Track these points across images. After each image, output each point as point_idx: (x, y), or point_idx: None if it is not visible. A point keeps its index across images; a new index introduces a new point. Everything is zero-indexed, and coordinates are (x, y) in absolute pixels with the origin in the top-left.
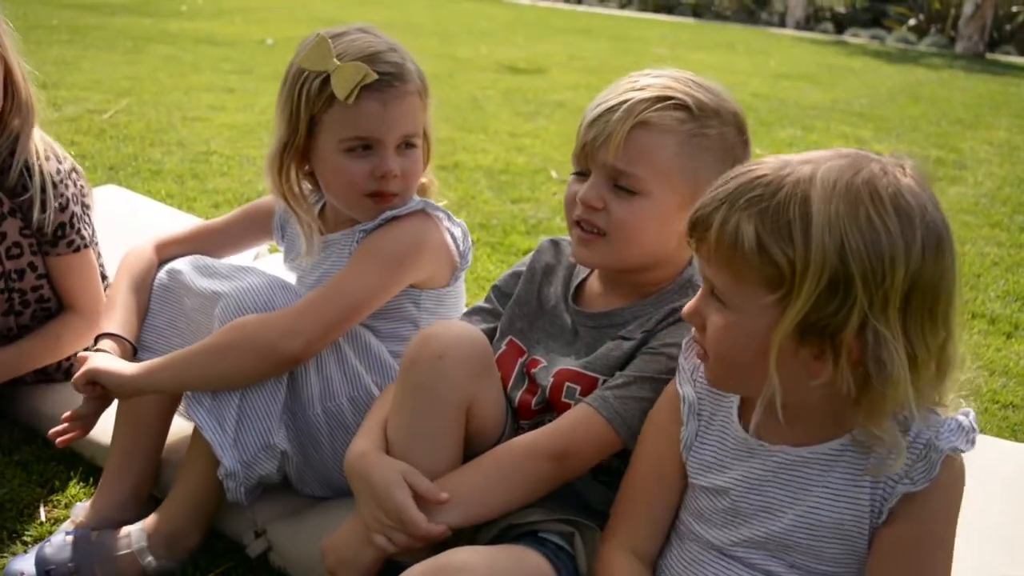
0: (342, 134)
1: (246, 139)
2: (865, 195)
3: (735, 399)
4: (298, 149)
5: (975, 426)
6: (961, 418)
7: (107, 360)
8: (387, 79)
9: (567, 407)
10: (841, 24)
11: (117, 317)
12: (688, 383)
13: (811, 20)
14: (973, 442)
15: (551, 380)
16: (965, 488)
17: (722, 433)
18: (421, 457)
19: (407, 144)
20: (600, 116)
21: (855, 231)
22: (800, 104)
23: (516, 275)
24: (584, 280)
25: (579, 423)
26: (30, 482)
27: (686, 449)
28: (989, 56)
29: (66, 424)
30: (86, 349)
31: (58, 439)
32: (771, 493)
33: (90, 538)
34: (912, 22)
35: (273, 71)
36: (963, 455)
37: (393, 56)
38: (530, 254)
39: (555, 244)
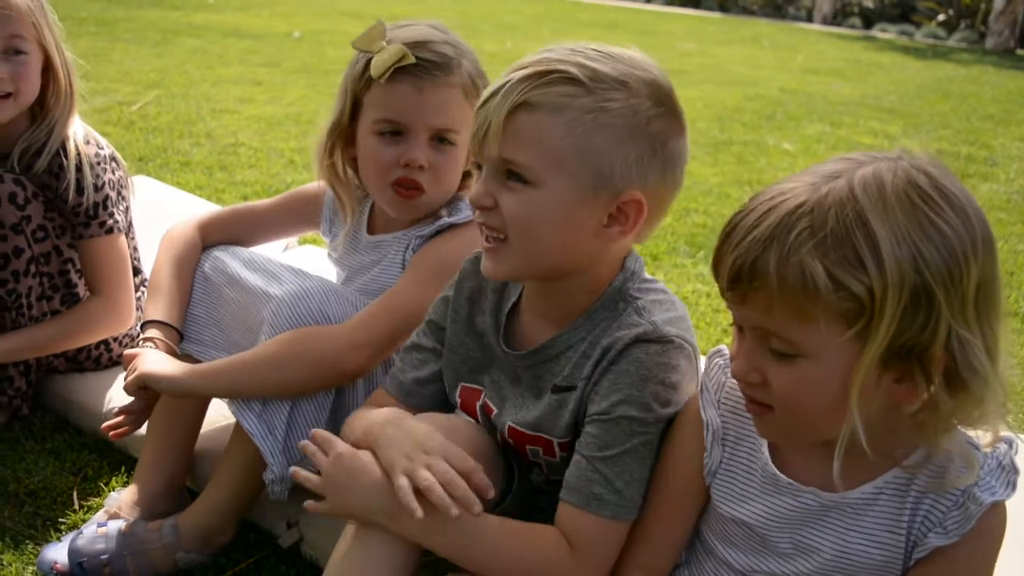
0: (376, 115)
1: (274, 131)
2: (915, 197)
3: None
4: (343, 131)
5: (1016, 465)
6: (1001, 453)
7: (157, 363)
8: (427, 65)
9: (539, 466)
10: (869, 19)
11: (162, 303)
12: (711, 407)
13: (839, 15)
14: (1014, 486)
15: (510, 440)
16: None
17: (749, 463)
18: None
19: (441, 138)
20: (483, 104)
21: (924, 239)
22: (828, 99)
23: (446, 301)
24: (514, 307)
25: (603, 540)
26: (63, 470)
27: (710, 475)
28: (1020, 52)
29: (119, 419)
30: (135, 341)
31: (111, 433)
32: (804, 533)
33: (123, 530)
34: (941, 17)
35: (300, 64)
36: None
37: (444, 48)
38: (454, 277)
39: (478, 261)
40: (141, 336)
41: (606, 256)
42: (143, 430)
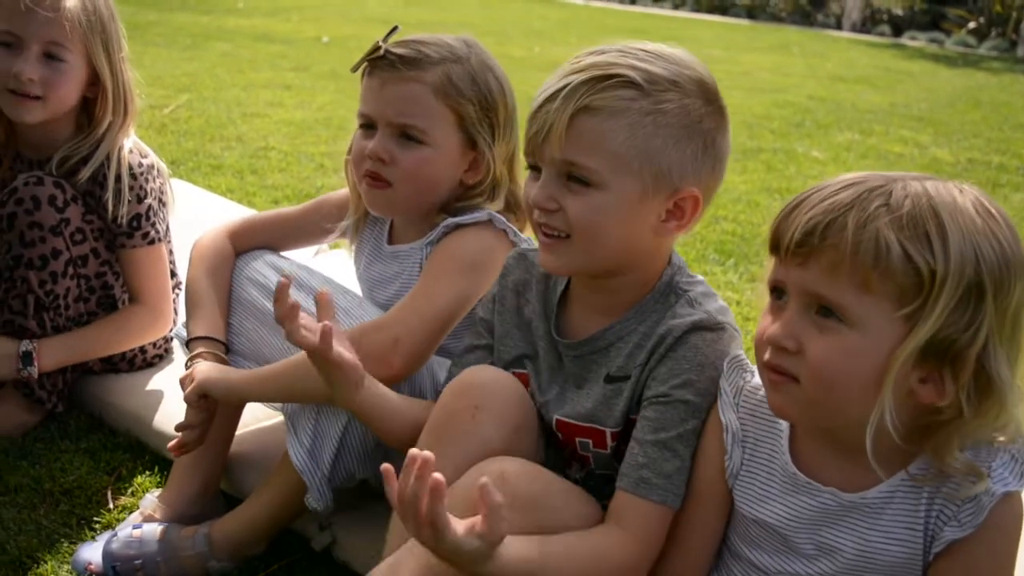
0: (358, 109)
1: (304, 135)
2: (980, 208)
3: (784, 429)
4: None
5: None
6: (1015, 448)
7: (214, 370)
8: (393, 60)
9: (583, 460)
10: (899, 27)
11: (205, 319)
12: (731, 409)
13: (868, 22)
14: None
15: (559, 433)
16: None
17: (769, 464)
18: None
19: (406, 135)
20: (541, 107)
21: (986, 243)
22: (857, 107)
23: (493, 298)
24: (562, 297)
25: (648, 525)
26: (98, 470)
27: (732, 477)
28: None
29: (182, 436)
30: (188, 361)
31: (175, 452)
32: (825, 534)
33: (156, 535)
34: (972, 25)
35: (329, 69)
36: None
37: (427, 48)
38: (500, 275)
39: (522, 256)
40: (189, 354)
41: (658, 251)
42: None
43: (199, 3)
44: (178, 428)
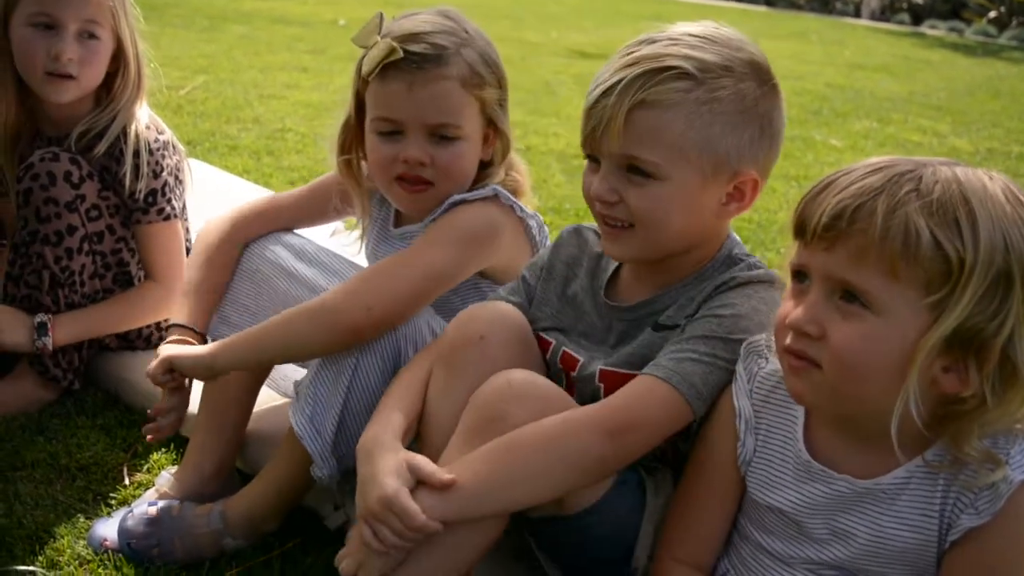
0: (373, 113)
1: (321, 117)
2: (1009, 195)
3: (799, 416)
4: (352, 128)
5: None
6: None
7: (179, 346)
8: (416, 60)
9: None
10: (918, 15)
11: (188, 307)
12: (745, 396)
13: (887, 10)
14: None
15: (600, 385)
16: None
17: (783, 451)
18: None
19: (440, 134)
20: (597, 102)
21: (1015, 229)
22: (876, 95)
23: (540, 263)
24: (615, 271)
25: (639, 394)
26: (114, 446)
27: (744, 464)
28: None
29: (156, 420)
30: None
31: (148, 436)
32: (839, 519)
33: (172, 512)
34: (992, 14)
35: (346, 51)
36: None
37: (438, 39)
38: (550, 244)
39: (577, 232)
40: (165, 339)
41: (718, 231)
42: (190, 408)
43: None
44: (152, 413)
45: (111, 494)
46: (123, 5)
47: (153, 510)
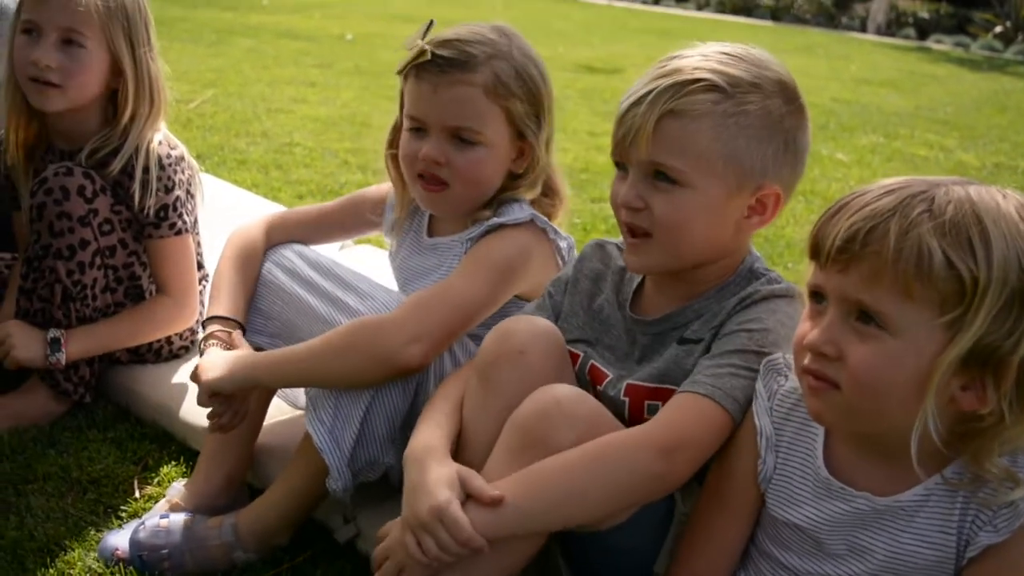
0: (406, 110)
1: (328, 132)
2: (1023, 213)
3: (820, 434)
4: (398, 125)
5: None
6: None
7: (216, 367)
8: (442, 63)
9: None
10: (924, 30)
11: (223, 300)
12: (765, 414)
13: (893, 25)
14: None
15: (626, 399)
16: None
17: (802, 469)
18: None
19: (460, 137)
20: (628, 111)
21: None
22: (882, 110)
23: (565, 279)
24: (639, 285)
25: (684, 411)
26: (124, 459)
27: (764, 481)
28: None
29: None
30: (195, 334)
31: (211, 431)
32: (857, 535)
33: (183, 524)
34: (998, 29)
35: (353, 66)
36: None
37: (471, 48)
38: (573, 259)
39: (600, 247)
40: (203, 335)
41: (739, 244)
42: (199, 420)
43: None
44: (209, 417)
45: (122, 507)
46: (124, 22)
47: (164, 522)
